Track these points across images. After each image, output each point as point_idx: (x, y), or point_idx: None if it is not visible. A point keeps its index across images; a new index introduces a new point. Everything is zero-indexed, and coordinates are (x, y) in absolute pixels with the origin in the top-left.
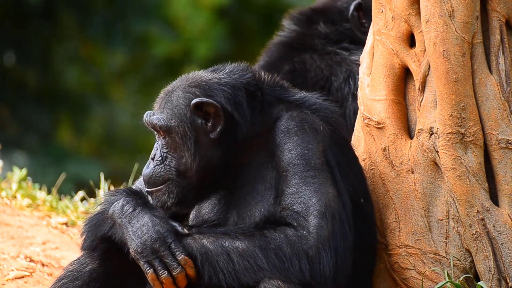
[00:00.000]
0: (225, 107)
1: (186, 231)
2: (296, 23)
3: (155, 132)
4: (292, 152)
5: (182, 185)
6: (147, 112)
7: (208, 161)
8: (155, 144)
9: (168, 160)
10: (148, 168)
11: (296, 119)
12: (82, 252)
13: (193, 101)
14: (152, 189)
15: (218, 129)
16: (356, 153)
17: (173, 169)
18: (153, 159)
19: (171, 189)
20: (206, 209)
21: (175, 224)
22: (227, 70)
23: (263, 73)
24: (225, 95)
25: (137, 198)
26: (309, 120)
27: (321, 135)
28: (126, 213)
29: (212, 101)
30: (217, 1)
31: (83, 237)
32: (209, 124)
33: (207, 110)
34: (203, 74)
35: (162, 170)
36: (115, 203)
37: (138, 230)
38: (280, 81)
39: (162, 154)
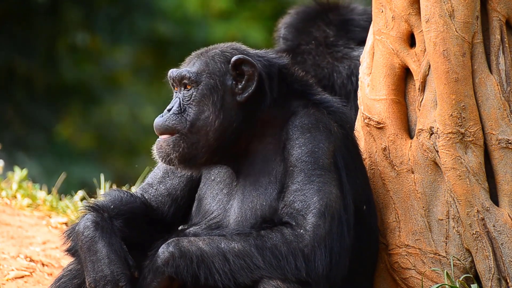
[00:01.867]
0: (261, 72)
1: (136, 275)
2: (294, 25)
3: (177, 87)
4: (303, 148)
5: (192, 141)
6: (172, 69)
7: (228, 124)
8: (174, 98)
9: (187, 112)
10: (162, 117)
11: (312, 116)
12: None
13: (235, 57)
14: (160, 137)
15: (247, 93)
16: None
17: (188, 122)
18: (169, 110)
19: (178, 142)
20: (208, 198)
21: (131, 261)
22: (263, 50)
23: (294, 67)
24: (262, 64)
25: (100, 219)
26: (324, 120)
27: (333, 136)
28: (86, 238)
29: (253, 61)
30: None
31: (63, 243)
32: (239, 86)
33: (243, 71)
34: (245, 47)
35: (176, 120)
36: (81, 220)
37: (95, 264)
38: (308, 78)
39: (182, 106)
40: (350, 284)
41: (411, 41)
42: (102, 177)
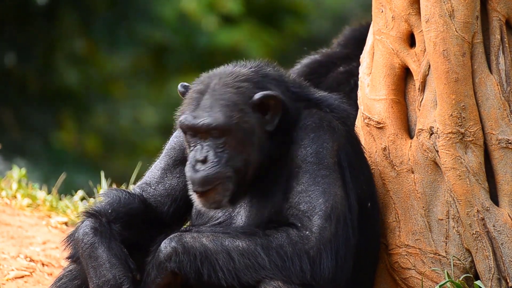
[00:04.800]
0: (283, 99)
1: (138, 277)
2: (356, 37)
3: (200, 135)
4: (308, 149)
5: (237, 181)
6: (184, 115)
7: (265, 154)
8: (197, 146)
9: (225, 159)
10: (199, 171)
11: (315, 116)
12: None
13: (257, 96)
14: (207, 188)
15: (275, 121)
16: None
17: (231, 167)
18: (202, 161)
19: (226, 187)
20: None
21: (132, 264)
22: (255, 66)
23: (283, 71)
24: (275, 86)
25: (98, 224)
26: (327, 118)
27: (337, 134)
28: (86, 245)
29: (274, 93)
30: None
31: (64, 251)
32: (266, 117)
33: (267, 103)
34: (241, 69)
35: (220, 169)
36: (80, 227)
37: (97, 270)
38: (301, 79)
39: (217, 155)
40: (352, 282)
41: (411, 41)
42: (102, 174)
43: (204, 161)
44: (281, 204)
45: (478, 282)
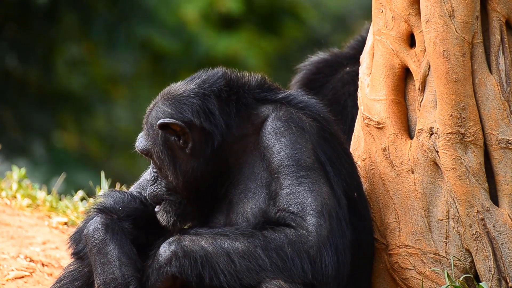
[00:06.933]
0: (193, 122)
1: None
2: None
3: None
4: (282, 153)
5: (177, 201)
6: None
7: (192, 174)
8: (151, 164)
9: (158, 180)
10: (148, 188)
11: (282, 118)
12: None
13: (157, 123)
14: (156, 209)
15: (190, 145)
16: (356, 153)
17: (164, 188)
18: (150, 180)
19: (168, 208)
20: None
21: (139, 264)
22: (201, 79)
23: (245, 76)
24: (194, 108)
25: (110, 221)
26: (295, 119)
27: (308, 134)
28: (96, 240)
29: (174, 120)
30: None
31: (70, 246)
32: (181, 141)
33: (174, 129)
34: (177, 87)
35: (156, 190)
36: (90, 222)
37: (105, 267)
38: (265, 81)
39: (153, 175)
40: (350, 279)
41: (411, 41)
42: (102, 174)
43: (150, 180)
44: (266, 206)
45: (483, 284)
